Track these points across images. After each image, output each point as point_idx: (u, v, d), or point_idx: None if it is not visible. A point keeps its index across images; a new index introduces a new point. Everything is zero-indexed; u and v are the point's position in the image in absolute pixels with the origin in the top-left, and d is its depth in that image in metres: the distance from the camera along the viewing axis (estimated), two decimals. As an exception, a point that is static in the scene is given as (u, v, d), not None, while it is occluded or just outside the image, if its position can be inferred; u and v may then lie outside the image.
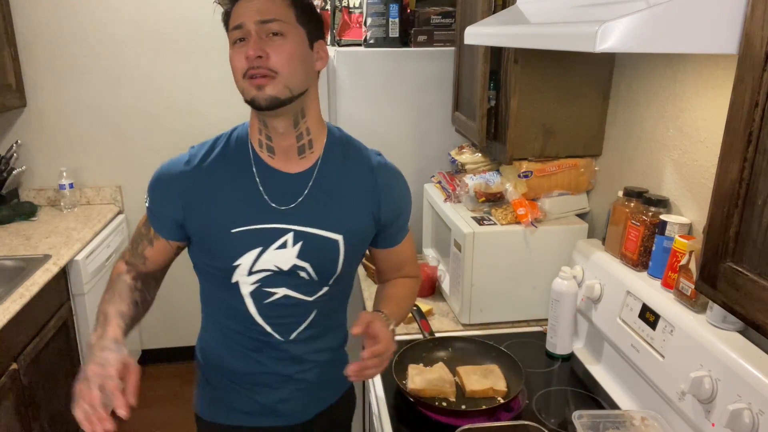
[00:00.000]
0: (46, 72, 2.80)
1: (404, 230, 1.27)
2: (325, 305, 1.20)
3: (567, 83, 1.57)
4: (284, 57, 1.02)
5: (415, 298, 1.36)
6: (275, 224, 1.11)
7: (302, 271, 1.14)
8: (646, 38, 0.78)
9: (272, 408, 1.24)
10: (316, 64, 1.10)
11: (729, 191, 0.74)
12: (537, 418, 1.27)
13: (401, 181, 1.22)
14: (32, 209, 2.78)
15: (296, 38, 1.04)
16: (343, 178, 1.15)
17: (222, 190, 1.11)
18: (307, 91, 1.08)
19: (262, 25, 1.02)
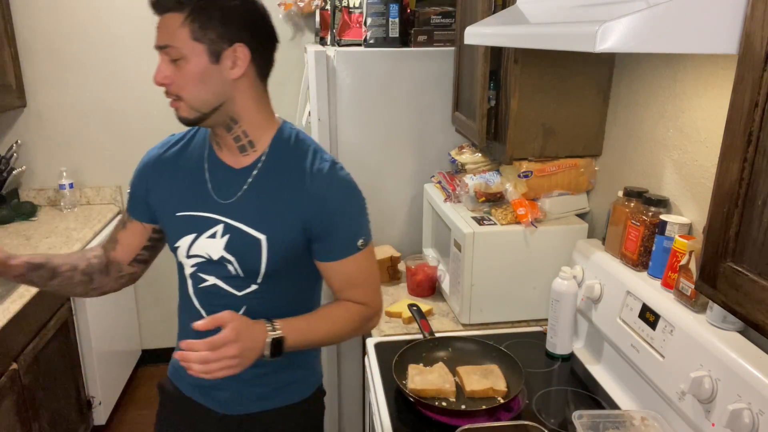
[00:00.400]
0: (46, 72, 2.80)
1: (349, 248, 1.16)
2: (256, 304, 1.19)
3: (567, 83, 1.57)
4: (182, 82, 1.04)
5: (355, 327, 1.22)
6: (210, 214, 1.16)
7: (230, 264, 1.16)
8: (646, 38, 0.78)
9: (207, 392, 1.27)
10: (230, 74, 1.06)
11: (729, 191, 0.74)
12: (537, 418, 1.27)
13: (342, 194, 1.14)
14: (32, 209, 2.78)
15: (194, 59, 1.03)
16: (278, 180, 1.14)
17: (176, 177, 1.20)
18: (224, 103, 1.08)
19: (161, 50, 1.04)
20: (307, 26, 2.88)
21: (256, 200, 1.14)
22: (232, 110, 1.10)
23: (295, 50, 2.89)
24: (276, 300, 1.21)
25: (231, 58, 1.06)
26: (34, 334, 2.06)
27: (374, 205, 2.15)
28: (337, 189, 1.14)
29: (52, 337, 2.18)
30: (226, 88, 1.07)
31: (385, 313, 1.76)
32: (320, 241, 1.16)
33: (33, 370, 2.03)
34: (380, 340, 1.61)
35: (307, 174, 1.13)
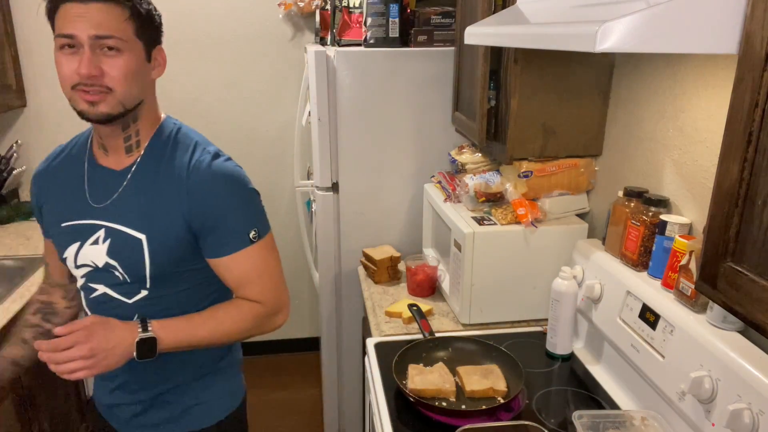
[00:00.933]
0: (46, 72, 2.80)
1: (234, 243, 1.12)
2: (148, 311, 1.14)
3: (567, 83, 1.57)
4: (120, 74, 1.01)
5: (247, 327, 1.16)
6: (90, 220, 1.13)
7: (115, 270, 1.13)
8: (646, 38, 0.78)
9: (110, 410, 1.26)
10: (152, 74, 1.10)
11: (729, 191, 0.74)
12: (537, 418, 1.27)
13: (223, 185, 1.10)
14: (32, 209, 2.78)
15: (133, 53, 1.03)
16: (157, 177, 1.11)
17: (60, 187, 1.18)
18: (142, 101, 1.09)
19: (97, 40, 0.99)
20: (307, 26, 2.88)
21: (134, 199, 1.11)
22: (140, 110, 1.10)
23: (295, 50, 2.89)
24: (169, 305, 1.15)
25: (156, 59, 1.10)
26: (34, 334, 2.05)
27: (374, 205, 2.16)
28: (218, 181, 1.10)
29: (52, 337, 2.18)
30: (147, 88, 1.10)
31: (385, 313, 1.76)
32: (206, 236, 1.11)
33: (33, 370, 2.03)
34: (380, 340, 1.61)
35: (186, 168, 1.10)
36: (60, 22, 1.00)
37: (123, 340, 1.04)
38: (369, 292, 1.95)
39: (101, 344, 1.01)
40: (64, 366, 1.01)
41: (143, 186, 1.11)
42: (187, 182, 1.09)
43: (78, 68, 0.99)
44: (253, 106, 2.97)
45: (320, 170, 2.12)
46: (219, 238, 1.12)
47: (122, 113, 1.06)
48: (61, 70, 1.02)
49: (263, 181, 3.07)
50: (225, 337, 1.16)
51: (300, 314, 3.29)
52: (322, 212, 2.17)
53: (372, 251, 2.03)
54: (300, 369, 3.13)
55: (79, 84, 1.01)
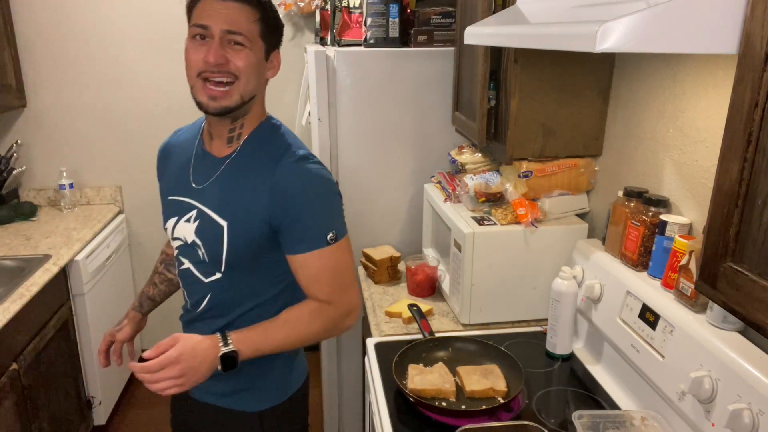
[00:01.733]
0: (46, 72, 2.80)
1: (314, 242, 1.15)
2: (220, 294, 1.23)
3: (567, 83, 1.57)
4: (243, 65, 1.11)
5: (319, 329, 1.21)
6: (188, 199, 1.23)
7: (199, 249, 1.22)
8: (646, 38, 0.78)
9: None
10: (267, 73, 1.20)
11: (729, 191, 0.74)
12: (537, 418, 1.27)
13: (306, 185, 1.15)
14: (32, 209, 2.78)
15: (256, 50, 1.13)
16: (248, 169, 1.18)
17: (173, 164, 1.30)
18: (255, 96, 1.18)
19: (227, 34, 1.09)
20: (307, 26, 2.89)
21: (224, 187, 1.19)
22: (250, 105, 1.19)
23: (295, 50, 2.89)
24: (240, 288, 1.23)
25: (273, 61, 1.20)
26: (34, 334, 2.06)
27: (374, 205, 2.15)
28: (302, 180, 1.15)
29: (52, 337, 2.18)
30: (262, 85, 1.20)
31: (385, 313, 1.76)
32: (284, 232, 1.16)
33: (33, 370, 2.03)
34: (380, 340, 1.61)
35: (273, 165, 1.15)
36: (198, 12, 1.11)
37: (207, 357, 1.10)
38: (369, 292, 1.95)
39: (189, 364, 1.08)
40: (156, 386, 1.08)
41: (234, 176, 1.19)
42: (272, 179, 1.14)
43: (206, 56, 1.08)
44: (253, 106, 2.97)
45: (320, 170, 2.12)
46: (297, 235, 1.16)
47: (239, 105, 1.15)
48: (189, 57, 1.11)
49: (263, 181, 3.07)
50: (299, 341, 1.20)
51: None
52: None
53: (372, 251, 2.03)
54: (300, 369, 3.13)
55: (204, 72, 1.10)
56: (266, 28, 1.14)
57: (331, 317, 1.20)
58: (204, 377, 1.10)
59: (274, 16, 1.17)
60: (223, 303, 1.24)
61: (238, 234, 1.17)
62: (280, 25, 1.19)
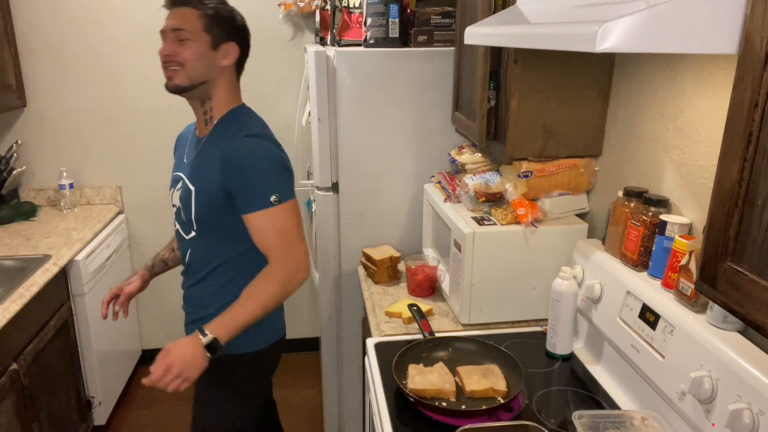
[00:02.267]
0: (46, 72, 2.80)
1: (259, 203, 1.38)
2: (196, 250, 1.53)
3: (567, 83, 1.57)
4: (188, 54, 1.41)
5: (274, 290, 1.41)
6: (180, 172, 1.54)
7: (181, 212, 1.52)
8: (646, 38, 0.78)
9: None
10: (221, 62, 1.45)
11: (729, 191, 0.74)
12: (537, 418, 1.27)
13: (247, 154, 1.39)
14: (32, 209, 2.78)
15: (200, 41, 1.42)
16: (213, 145, 1.45)
17: (180, 148, 1.63)
18: (209, 81, 1.45)
19: (174, 32, 1.41)
20: (307, 26, 2.88)
21: (197, 160, 1.49)
22: (210, 89, 1.47)
23: (295, 50, 2.89)
24: (209, 249, 1.51)
25: (224, 51, 1.45)
26: (34, 334, 2.06)
27: (374, 205, 2.16)
28: (246, 151, 1.40)
29: (52, 337, 2.18)
30: (214, 70, 1.45)
31: (385, 313, 1.76)
32: (236, 196, 1.40)
33: (33, 370, 2.03)
34: (380, 340, 1.61)
35: (228, 140, 1.42)
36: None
37: (195, 352, 1.35)
38: (369, 292, 1.95)
39: (183, 363, 1.34)
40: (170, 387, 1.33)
41: (205, 152, 1.48)
42: (225, 151, 1.40)
43: (161, 50, 1.43)
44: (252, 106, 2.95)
45: (320, 170, 2.12)
46: (245, 197, 1.39)
47: (190, 87, 1.44)
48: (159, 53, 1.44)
49: (263, 181, 3.07)
50: (264, 305, 1.41)
51: (300, 314, 3.29)
52: (322, 212, 2.17)
53: (372, 251, 2.03)
54: (300, 369, 3.13)
55: (163, 62, 1.43)
56: (209, 23, 1.42)
57: (282, 275, 1.41)
58: (202, 365, 1.35)
59: (217, 12, 1.43)
60: (198, 259, 1.53)
61: (202, 197, 1.44)
62: (225, 19, 1.45)
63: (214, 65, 1.45)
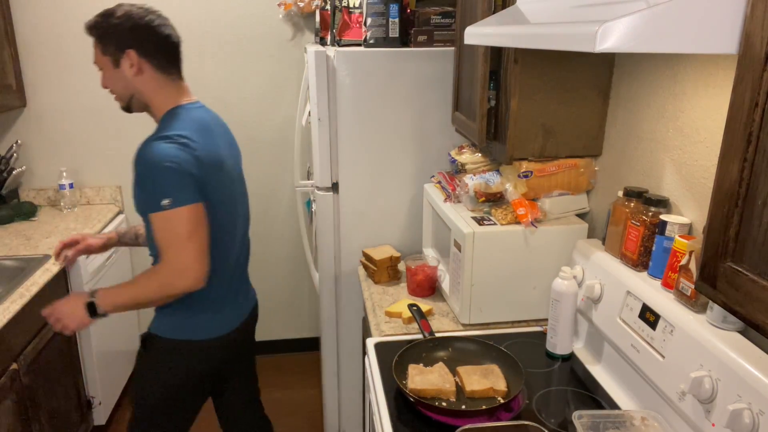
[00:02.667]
0: (46, 72, 2.80)
1: (153, 205, 1.42)
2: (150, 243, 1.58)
3: (567, 83, 1.57)
4: (105, 82, 1.55)
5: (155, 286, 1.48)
6: None
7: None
8: (646, 38, 0.78)
9: None
10: (129, 74, 1.50)
11: (729, 191, 0.74)
12: (537, 418, 1.27)
13: (145, 160, 1.41)
14: (32, 209, 2.78)
15: (105, 66, 1.52)
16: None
17: None
18: (134, 95, 1.53)
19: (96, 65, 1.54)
20: (307, 26, 2.88)
21: None
22: (142, 98, 1.54)
23: (295, 50, 2.89)
24: (149, 238, 1.55)
25: (127, 61, 1.49)
26: (34, 334, 2.06)
27: (374, 205, 2.16)
28: (144, 155, 1.42)
29: (52, 337, 2.18)
30: (130, 83, 1.52)
31: (385, 313, 1.76)
32: (138, 196, 1.47)
33: (33, 370, 2.03)
34: (380, 340, 1.61)
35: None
36: None
37: (75, 305, 1.52)
38: (369, 292, 1.95)
39: (62, 311, 1.54)
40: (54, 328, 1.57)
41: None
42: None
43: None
44: (253, 106, 2.97)
45: (320, 170, 2.12)
46: (143, 199, 1.47)
47: (127, 105, 1.58)
48: None
49: (263, 181, 3.07)
50: (140, 297, 1.51)
51: (300, 314, 3.29)
52: (322, 212, 2.17)
53: (372, 251, 2.03)
54: (300, 369, 3.13)
55: None
56: (102, 45, 1.50)
57: (163, 275, 1.46)
58: (81, 319, 1.51)
59: (102, 29, 1.49)
60: (151, 251, 1.60)
61: (134, 197, 1.51)
62: (111, 32, 1.48)
63: (127, 79, 1.50)
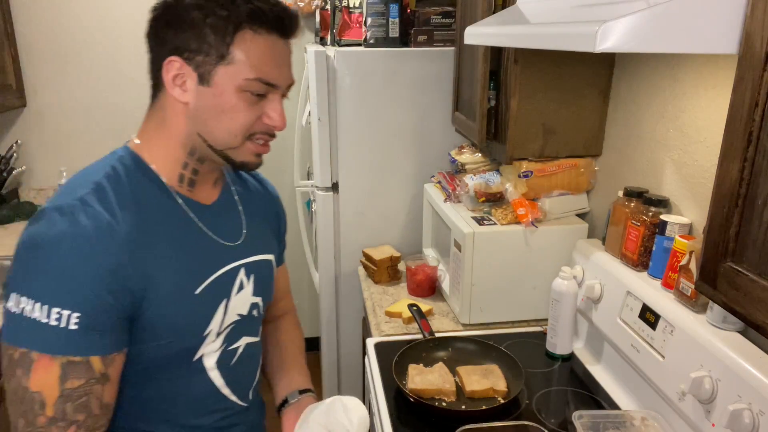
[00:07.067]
0: (46, 72, 2.80)
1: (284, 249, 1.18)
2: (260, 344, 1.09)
3: (567, 83, 1.57)
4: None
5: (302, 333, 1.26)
6: (230, 264, 0.95)
7: (255, 309, 1.01)
8: (646, 38, 0.78)
9: None
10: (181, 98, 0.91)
11: (729, 191, 0.74)
12: (537, 418, 1.27)
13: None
14: (32, 209, 2.78)
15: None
16: (251, 197, 1.05)
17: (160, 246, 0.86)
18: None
19: (288, 89, 0.90)
20: (307, 26, 2.88)
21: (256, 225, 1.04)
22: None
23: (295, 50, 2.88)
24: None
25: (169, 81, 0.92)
26: (34, 334, 2.05)
27: (374, 205, 2.16)
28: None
29: (52, 337, 2.17)
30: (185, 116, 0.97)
31: (385, 313, 1.76)
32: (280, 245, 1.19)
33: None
34: (380, 340, 1.61)
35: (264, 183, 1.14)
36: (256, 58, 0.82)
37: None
38: (369, 292, 1.95)
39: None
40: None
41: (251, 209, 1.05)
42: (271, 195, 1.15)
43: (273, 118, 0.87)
44: (253, 106, 2.97)
45: (320, 170, 2.12)
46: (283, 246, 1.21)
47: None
48: (243, 118, 0.85)
49: (263, 181, 3.07)
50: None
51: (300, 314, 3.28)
52: (322, 212, 2.17)
53: (372, 251, 2.03)
54: (300, 369, 3.12)
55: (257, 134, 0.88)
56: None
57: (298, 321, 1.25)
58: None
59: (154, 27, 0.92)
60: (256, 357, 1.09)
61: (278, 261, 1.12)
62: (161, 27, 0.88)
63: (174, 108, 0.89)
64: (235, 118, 0.85)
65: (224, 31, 0.81)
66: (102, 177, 0.87)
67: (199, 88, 0.84)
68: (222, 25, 0.81)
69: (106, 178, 0.87)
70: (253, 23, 0.82)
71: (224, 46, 0.82)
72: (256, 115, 0.86)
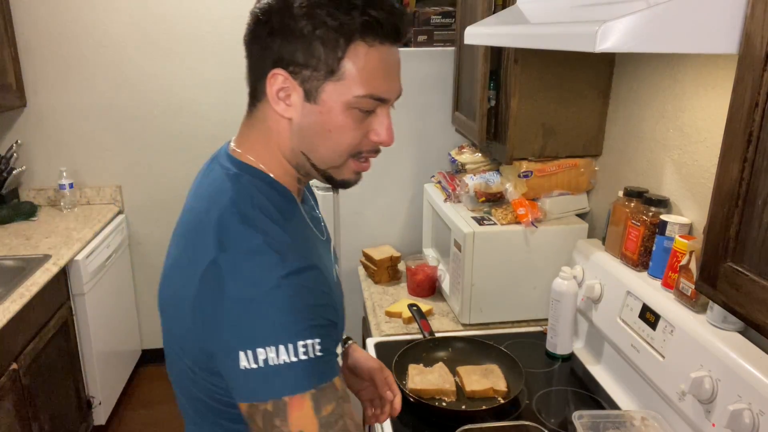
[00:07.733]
0: (46, 72, 2.80)
1: None
2: None
3: (567, 83, 1.57)
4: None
5: None
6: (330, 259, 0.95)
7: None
8: (646, 38, 0.78)
9: None
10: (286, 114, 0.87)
11: (729, 191, 0.74)
12: (537, 418, 1.27)
13: None
14: (32, 209, 2.78)
15: None
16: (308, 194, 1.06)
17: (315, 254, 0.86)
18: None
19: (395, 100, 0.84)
20: (307, 26, 2.88)
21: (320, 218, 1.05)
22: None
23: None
24: None
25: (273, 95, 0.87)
26: (34, 334, 2.05)
27: (374, 205, 2.15)
28: None
29: (52, 337, 2.18)
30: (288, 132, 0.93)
31: (385, 313, 1.76)
32: None
33: (33, 370, 2.03)
34: (380, 340, 1.60)
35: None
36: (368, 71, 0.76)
37: None
38: (369, 292, 1.94)
39: None
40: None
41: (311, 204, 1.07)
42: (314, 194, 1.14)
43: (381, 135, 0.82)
44: (253, 106, 2.97)
45: (320, 170, 2.11)
46: None
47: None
48: (349, 137, 0.80)
49: (263, 181, 3.07)
50: None
51: (300, 314, 3.28)
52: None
53: (372, 251, 2.03)
54: (300, 369, 3.12)
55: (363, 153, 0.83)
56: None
57: None
58: None
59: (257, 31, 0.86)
60: None
61: None
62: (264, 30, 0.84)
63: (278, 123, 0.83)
64: (341, 138, 0.80)
65: (335, 45, 0.74)
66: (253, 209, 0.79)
67: (304, 105, 0.78)
68: (333, 38, 0.74)
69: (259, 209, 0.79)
70: (366, 35, 0.75)
71: (335, 61, 0.75)
72: (363, 133, 0.81)
